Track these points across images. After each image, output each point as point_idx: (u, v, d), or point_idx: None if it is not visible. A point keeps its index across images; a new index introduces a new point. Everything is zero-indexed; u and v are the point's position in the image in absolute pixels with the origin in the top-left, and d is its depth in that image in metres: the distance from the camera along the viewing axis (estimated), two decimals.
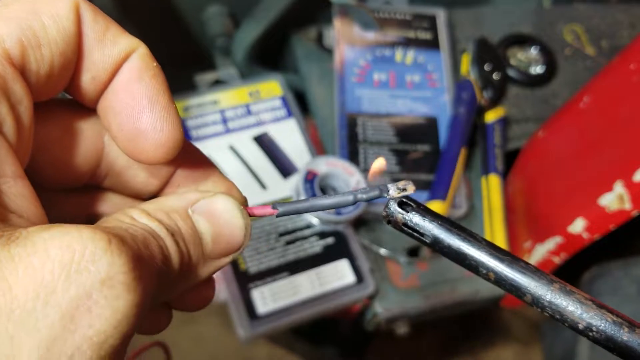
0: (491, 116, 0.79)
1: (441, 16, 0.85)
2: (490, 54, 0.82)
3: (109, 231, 0.19)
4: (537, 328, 1.23)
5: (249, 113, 0.76)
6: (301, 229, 0.70)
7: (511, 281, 0.24)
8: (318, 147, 0.78)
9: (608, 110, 0.68)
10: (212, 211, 0.25)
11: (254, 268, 0.66)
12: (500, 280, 0.24)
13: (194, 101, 0.75)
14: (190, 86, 0.80)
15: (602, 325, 0.22)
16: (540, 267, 0.24)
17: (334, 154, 0.75)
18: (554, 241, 0.69)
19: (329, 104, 0.79)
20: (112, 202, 0.29)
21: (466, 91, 0.78)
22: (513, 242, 0.76)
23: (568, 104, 0.75)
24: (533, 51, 0.86)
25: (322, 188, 0.70)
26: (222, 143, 0.73)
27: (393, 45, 0.83)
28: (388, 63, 0.82)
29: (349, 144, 0.76)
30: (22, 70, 0.21)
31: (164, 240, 0.22)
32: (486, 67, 0.81)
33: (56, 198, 0.27)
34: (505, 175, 0.78)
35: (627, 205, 0.60)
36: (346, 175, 0.70)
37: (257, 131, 0.75)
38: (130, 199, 0.29)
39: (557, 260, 0.70)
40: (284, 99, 0.78)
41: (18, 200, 0.20)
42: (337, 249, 0.69)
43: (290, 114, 0.77)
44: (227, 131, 0.74)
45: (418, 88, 0.81)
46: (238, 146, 0.74)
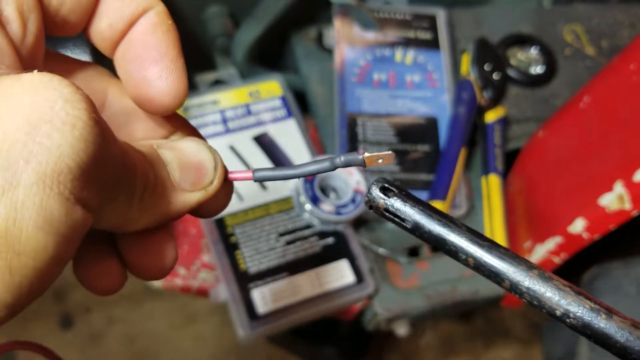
0: (491, 116, 0.79)
1: (441, 16, 0.85)
2: (490, 54, 0.82)
3: None
4: (537, 328, 1.23)
5: (249, 113, 0.76)
6: (301, 229, 0.70)
7: (490, 267, 0.24)
8: (318, 147, 0.78)
9: (608, 110, 0.68)
10: (177, 145, 0.26)
11: (254, 268, 0.66)
12: (479, 265, 0.24)
13: (194, 101, 0.75)
14: (190, 86, 0.80)
15: (580, 311, 0.22)
16: (540, 267, 0.24)
17: (334, 154, 0.75)
18: (554, 241, 0.69)
19: (329, 104, 0.79)
20: None
21: (466, 91, 0.78)
22: (513, 242, 0.76)
23: (568, 104, 0.75)
24: (533, 51, 0.86)
25: (322, 188, 0.70)
26: (222, 143, 0.73)
27: (393, 45, 0.83)
28: (388, 63, 0.82)
29: (349, 144, 0.76)
30: None
31: (128, 150, 0.23)
32: (486, 67, 0.81)
33: None
34: (505, 175, 0.78)
35: (627, 205, 0.60)
36: (346, 175, 0.70)
37: (257, 131, 0.75)
38: None
39: (557, 260, 0.70)
40: (284, 99, 0.78)
41: None
42: (337, 249, 0.69)
43: (290, 114, 0.77)
44: (227, 131, 0.74)
45: (418, 88, 0.81)
46: (238, 146, 0.74)
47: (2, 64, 0.21)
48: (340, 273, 0.68)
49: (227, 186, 0.28)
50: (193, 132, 0.30)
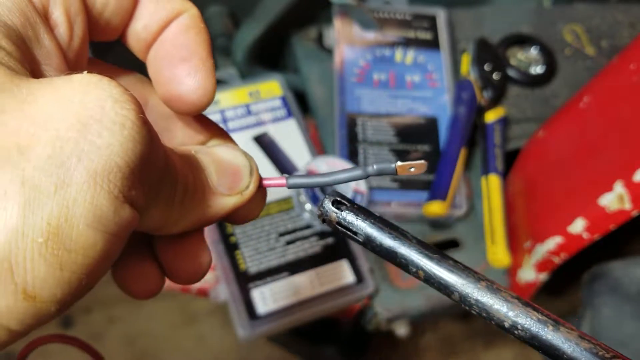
0: (491, 116, 0.79)
1: (441, 16, 0.85)
2: (490, 54, 0.82)
3: None
4: None
5: (249, 113, 0.76)
6: (301, 229, 0.70)
7: (439, 279, 0.24)
8: (318, 147, 0.78)
9: (608, 110, 0.68)
10: (214, 151, 0.27)
11: (254, 268, 0.66)
12: (429, 278, 0.24)
13: None
14: None
15: (527, 323, 0.22)
16: (540, 267, 0.24)
17: (334, 154, 0.75)
18: (554, 241, 0.69)
19: (329, 104, 0.79)
20: None
21: (466, 91, 0.78)
22: (513, 242, 0.76)
23: (568, 104, 0.75)
24: (533, 51, 0.86)
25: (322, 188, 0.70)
26: None
27: (393, 45, 0.83)
28: (388, 63, 0.82)
29: (349, 144, 0.76)
30: None
31: (169, 154, 0.24)
32: (486, 67, 0.81)
33: None
34: (505, 175, 0.78)
35: (627, 205, 0.60)
36: None
37: (257, 131, 0.75)
38: None
39: (557, 260, 0.70)
40: (284, 99, 0.78)
41: None
42: (337, 249, 0.69)
43: (290, 114, 0.77)
44: (227, 131, 0.74)
45: (418, 88, 0.81)
46: None
47: (50, 67, 0.22)
48: (340, 273, 0.68)
49: (261, 192, 0.29)
50: (229, 139, 0.31)
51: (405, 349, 1.23)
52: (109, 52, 0.69)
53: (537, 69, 0.85)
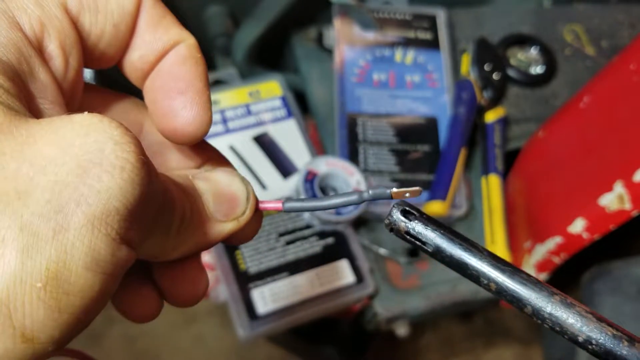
0: (491, 116, 0.79)
1: (441, 16, 0.85)
2: (490, 54, 0.82)
3: None
4: (537, 328, 1.23)
5: (249, 113, 0.76)
6: (301, 229, 0.70)
7: (512, 292, 0.24)
8: (318, 147, 0.78)
9: (608, 110, 0.68)
10: (211, 177, 0.27)
11: (254, 268, 0.66)
12: (501, 291, 0.24)
13: None
14: None
15: (602, 338, 0.22)
16: (540, 267, 0.24)
17: (334, 154, 0.75)
18: (554, 241, 0.69)
19: (329, 104, 0.79)
20: None
21: (466, 91, 0.78)
22: (513, 242, 0.76)
23: (568, 104, 0.75)
24: (533, 51, 0.86)
25: (322, 188, 0.70)
26: (222, 143, 0.73)
27: (393, 45, 0.83)
28: (388, 63, 0.82)
29: (349, 144, 0.76)
30: (76, 23, 0.24)
31: (167, 183, 0.24)
32: (486, 67, 0.81)
33: None
34: (505, 175, 0.78)
35: (627, 205, 0.60)
36: (346, 175, 0.70)
37: (257, 131, 0.75)
38: None
39: (557, 260, 0.70)
40: (284, 99, 0.78)
41: None
42: (337, 249, 0.69)
43: (290, 114, 0.77)
44: (227, 131, 0.74)
45: (418, 88, 0.81)
46: (238, 146, 0.74)
47: (46, 100, 0.22)
48: (340, 273, 0.68)
49: (257, 216, 0.29)
50: (225, 163, 0.31)
51: (405, 349, 1.23)
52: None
53: (537, 69, 0.85)
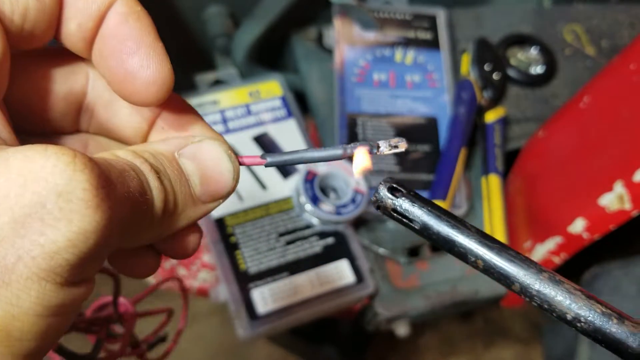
0: (491, 116, 0.79)
1: (441, 16, 0.85)
2: (490, 54, 0.82)
3: (81, 152, 0.19)
4: (537, 328, 1.23)
5: (249, 113, 0.76)
6: (301, 229, 0.70)
7: (499, 269, 0.23)
8: (318, 147, 0.78)
9: (608, 110, 0.68)
10: (199, 154, 0.26)
11: (254, 268, 0.66)
12: (488, 268, 0.23)
13: (194, 101, 0.75)
14: (190, 86, 0.80)
15: (591, 316, 0.22)
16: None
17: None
18: (554, 241, 0.69)
19: (329, 104, 0.79)
20: (102, 145, 0.29)
21: (466, 91, 0.78)
22: (513, 242, 0.76)
23: (568, 104, 0.75)
24: (533, 51, 0.86)
25: (322, 188, 0.70)
26: None
27: (393, 45, 0.83)
28: (388, 63, 0.82)
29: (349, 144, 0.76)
30: None
31: (146, 175, 0.23)
32: (486, 67, 0.81)
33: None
34: (505, 175, 0.78)
35: (627, 205, 0.60)
36: (346, 175, 0.70)
37: (257, 131, 0.75)
38: (119, 143, 0.29)
39: (557, 260, 0.70)
40: (284, 99, 0.78)
41: None
42: (337, 249, 0.69)
43: (290, 114, 0.77)
44: (227, 131, 0.74)
45: (418, 88, 0.81)
46: (238, 146, 0.74)
47: None
48: (340, 273, 0.68)
49: (197, 231, 0.28)
50: (209, 129, 0.29)
51: (405, 349, 1.23)
52: None
53: (537, 69, 0.85)
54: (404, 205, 0.24)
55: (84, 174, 0.18)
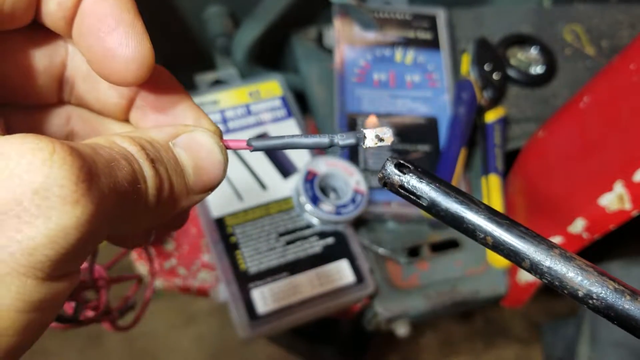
0: (491, 116, 0.79)
1: (441, 16, 0.85)
2: (490, 54, 0.82)
3: (63, 143, 0.19)
4: (537, 328, 1.23)
5: (249, 113, 0.76)
6: (301, 229, 0.70)
7: (509, 246, 0.22)
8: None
9: (608, 110, 0.68)
10: (193, 145, 0.26)
11: (254, 268, 0.66)
12: (498, 245, 0.23)
13: (194, 101, 0.75)
14: (190, 86, 0.80)
15: (603, 292, 0.21)
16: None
17: (334, 154, 0.75)
18: (554, 241, 0.69)
19: (329, 104, 0.79)
20: (84, 118, 0.29)
21: (466, 91, 0.78)
22: None
23: (568, 104, 0.75)
24: (533, 51, 0.86)
25: (322, 188, 0.70)
26: None
27: (393, 45, 0.83)
28: (388, 63, 0.82)
29: None
30: None
31: (141, 164, 0.22)
32: (486, 67, 0.81)
33: (31, 117, 0.28)
34: (505, 175, 0.78)
35: (627, 205, 0.60)
36: (346, 175, 0.70)
37: (257, 131, 0.75)
38: (101, 116, 0.29)
39: None
40: (284, 99, 0.78)
41: None
42: (337, 249, 0.69)
43: (290, 114, 0.77)
44: (227, 131, 0.74)
45: (418, 88, 0.81)
46: None
47: None
48: (340, 273, 0.68)
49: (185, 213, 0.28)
50: (199, 112, 0.29)
51: (405, 349, 1.23)
52: None
53: (537, 69, 0.85)
54: (412, 181, 0.24)
55: (62, 170, 0.18)
